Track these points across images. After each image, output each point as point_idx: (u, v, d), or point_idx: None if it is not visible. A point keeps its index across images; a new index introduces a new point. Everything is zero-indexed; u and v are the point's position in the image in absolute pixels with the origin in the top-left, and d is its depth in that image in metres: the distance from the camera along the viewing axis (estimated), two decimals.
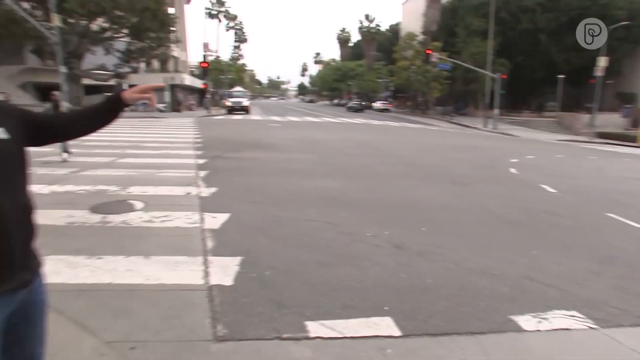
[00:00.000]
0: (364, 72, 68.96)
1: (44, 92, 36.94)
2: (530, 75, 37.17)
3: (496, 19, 30.74)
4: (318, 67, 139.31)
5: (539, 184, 8.70)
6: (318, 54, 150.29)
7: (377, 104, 55.55)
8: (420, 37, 46.64)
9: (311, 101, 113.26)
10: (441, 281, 3.76)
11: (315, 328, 2.94)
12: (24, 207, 1.50)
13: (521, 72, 36.30)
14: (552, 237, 5.27)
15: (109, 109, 1.67)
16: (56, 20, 23.50)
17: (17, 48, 33.75)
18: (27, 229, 1.52)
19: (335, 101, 73.70)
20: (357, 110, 53.04)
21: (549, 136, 26.25)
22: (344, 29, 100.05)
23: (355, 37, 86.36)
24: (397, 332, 2.92)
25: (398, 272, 3.92)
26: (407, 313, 3.18)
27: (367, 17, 72.56)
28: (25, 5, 27.31)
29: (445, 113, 39.99)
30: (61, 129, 1.65)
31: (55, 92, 10.22)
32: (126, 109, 1.72)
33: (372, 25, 72.12)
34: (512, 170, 10.54)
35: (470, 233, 5.24)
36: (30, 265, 1.54)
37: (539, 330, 3.04)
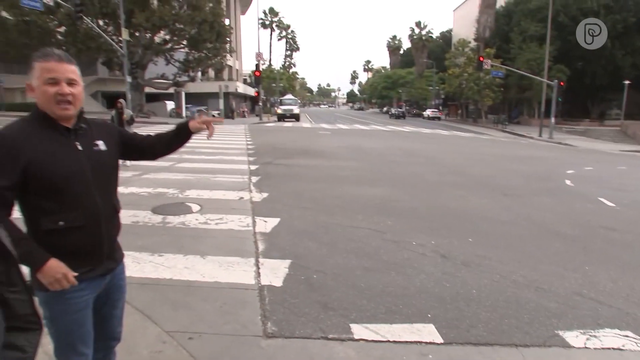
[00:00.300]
0: (414, 80, 68.22)
1: (110, 100, 39.62)
2: (591, 82, 35.26)
3: (554, 24, 29.46)
4: (368, 75, 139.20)
5: (597, 197, 8.30)
6: (368, 61, 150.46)
7: (428, 112, 54.72)
8: (473, 44, 45.53)
9: (360, 109, 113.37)
10: (485, 292, 3.76)
11: (359, 330, 3.07)
12: (114, 207, 1.80)
13: (581, 78, 34.53)
14: (608, 254, 5.06)
15: (181, 135, 2.00)
16: (125, 35, 25.33)
17: (91, 61, 36.73)
18: (115, 225, 1.82)
19: (385, 109, 73.25)
20: (398, 117, 55.24)
21: (611, 146, 24.68)
22: (394, 36, 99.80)
23: (406, 44, 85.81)
24: (439, 339, 2.99)
25: (442, 281, 3.96)
26: (449, 321, 3.24)
27: (418, 24, 71.84)
28: (100, 22, 29.60)
29: (498, 121, 38.60)
30: (145, 149, 1.98)
31: (121, 100, 11.05)
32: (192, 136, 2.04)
33: (423, 32, 71.22)
34: (568, 182, 10.10)
35: (519, 245, 5.14)
36: (114, 256, 1.84)
37: (587, 348, 2.99)
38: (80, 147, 1.65)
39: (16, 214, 1.54)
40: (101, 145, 1.72)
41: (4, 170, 1.46)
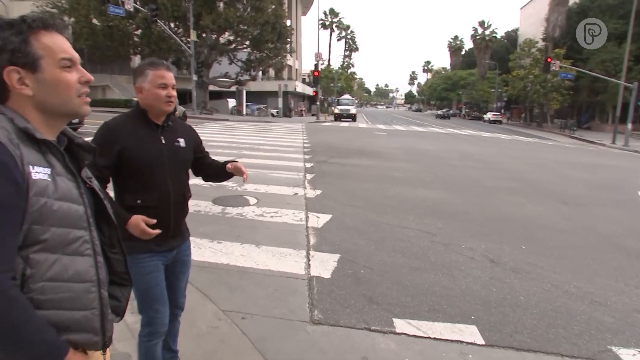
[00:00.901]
0: (476, 82, 65.83)
1: (178, 97, 41.73)
2: None
3: (637, 20, 27.04)
4: (427, 76, 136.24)
5: None
6: (428, 62, 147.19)
7: (488, 115, 52.59)
8: (540, 44, 43.15)
9: (418, 110, 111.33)
10: (534, 300, 3.73)
11: (401, 325, 3.19)
12: (183, 194, 2.14)
13: None
14: None
15: (224, 171, 2.29)
16: (193, 36, 26.84)
17: (169, 64, 39.11)
18: (182, 210, 2.15)
19: (443, 110, 71.47)
20: (444, 117, 59.75)
21: None
22: (456, 36, 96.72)
23: (468, 44, 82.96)
24: (480, 341, 3.04)
25: (489, 285, 3.96)
26: (493, 325, 3.27)
27: (481, 23, 69.10)
28: (172, 25, 31.62)
29: (565, 126, 36.28)
30: (201, 168, 2.31)
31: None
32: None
33: (487, 32, 68.41)
34: None
35: (575, 256, 4.97)
36: (179, 235, 2.17)
37: None
38: (163, 141, 2.00)
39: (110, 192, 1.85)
40: (182, 142, 2.09)
41: (104, 152, 1.83)
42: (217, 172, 2.30)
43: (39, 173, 1.04)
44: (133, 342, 2.74)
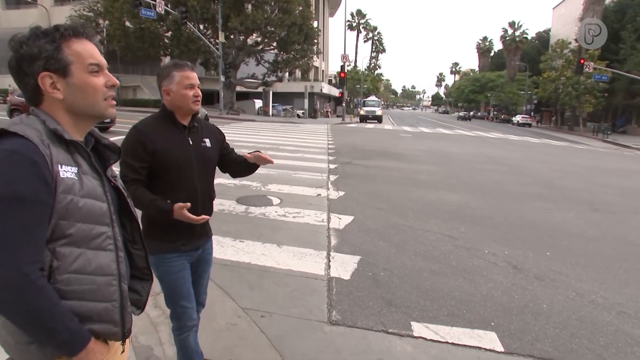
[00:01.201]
0: (505, 84, 64.36)
1: (206, 97, 42.60)
2: None
3: None
4: (455, 78, 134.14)
5: None
6: (456, 64, 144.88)
7: (517, 118, 51.31)
8: (573, 45, 41.77)
9: (445, 112, 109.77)
10: (557, 308, 3.64)
11: (419, 329, 3.18)
12: (209, 195, 2.20)
13: None
14: None
15: (249, 165, 2.30)
16: (221, 38, 27.32)
17: (191, 62, 39.97)
18: (208, 210, 2.20)
19: (465, 112, 70.43)
20: (465, 119, 63.15)
21: None
22: (485, 37, 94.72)
23: (497, 46, 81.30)
24: (499, 348, 3.00)
25: (511, 292, 3.89)
26: (513, 332, 3.21)
27: (511, 24, 67.47)
28: (201, 26, 32.37)
29: (598, 130, 34.93)
30: (229, 164, 2.33)
31: None
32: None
33: (517, 33, 66.74)
34: None
35: (604, 265, 4.82)
36: (204, 235, 2.23)
37: None
38: (191, 142, 2.06)
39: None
40: (207, 142, 2.14)
41: (139, 155, 1.93)
42: (243, 166, 2.32)
43: (67, 172, 1.11)
44: (155, 336, 2.84)
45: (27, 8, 43.82)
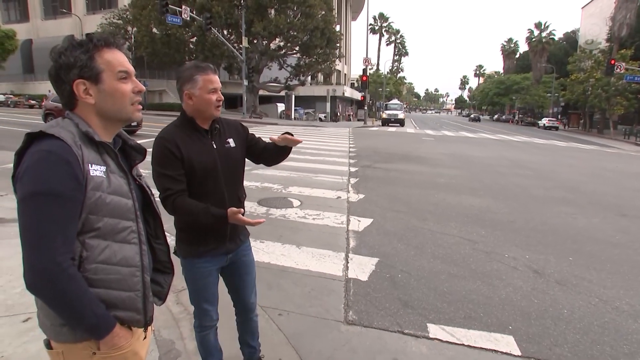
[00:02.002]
0: (530, 86, 62.93)
1: (229, 101, 43.32)
2: None
3: None
4: (479, 80, 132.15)
5: None
6: (480, 66, 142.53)
7: (544, 121, 50.07)
8: (603, 45, 40.49)
9: (468, 115, 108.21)
10: (579, 314, 3.59)
11: (435, 330, 3.19)
12: (238, 197, 2.17)
13: None
14: None
15: (279, 149, 2.19)
16: (245, 42, 27.75)
17: (215, 66, 40.91)
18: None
19: (475, 114, 69.61)
20: (475, 120, 67.80)
21: None
22: (510, 39, 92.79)
23: (523, 47, 79.69)
24: (516, 352, 2.98)
25: (531, 296, 3.85)
26: (531, 336, 3.19)
27: (538, 25, 65.92)
28: (225, 32, 33.02)
29: (630, 133, 33.79)
30: (260, 154, 2.23)
31: None
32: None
33: (544, 34, 65.16)
34: None
35: (630, 272, 4.69)
36: (236, 239, 2.21)
37: None
38: (215, 146, 2.02)
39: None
40: (231, 142, 2.10)
41: (172, 163, 1.89)
42: (273, 152, 2.20)
43: (96, 170, 1.22)
44: (177, 330, 2.95)
45: (62, 18, 45.83)
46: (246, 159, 2.24)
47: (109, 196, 1.24)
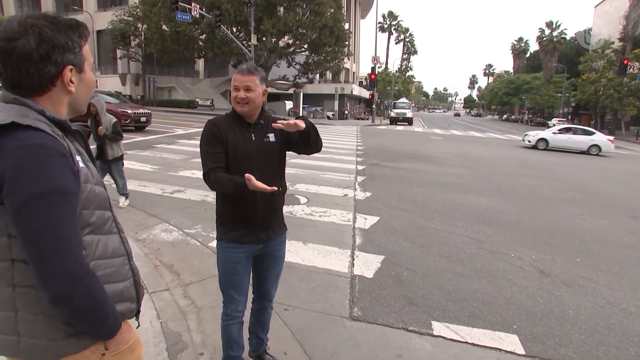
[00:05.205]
0: (541, 86, 62.27)
1: None
2: None
3: None
4: (488, 80, 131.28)
5: None
6: (490, 65, 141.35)
7: (554, 121, 49.55)
8: (616, 45, 39.90)
9: (478, 115, 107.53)
10: (585, 315, 3.58)
11: (439, 328, 3.21)
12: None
13: None
14: None
15: (303, 136, 2.16)
16: (254, 40, 27.82)
17: (223, 63, 41.09)
18: (271, 204, 2.22)
19: (475, 112, 69.13)
20: (476, 115, 70.81)
21: None
22: (520, 38, 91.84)
23: (533, 47, 78.86)
24: (520, 351, 2.99)
25: (536, 296, 3.85)
26: (536, 336, 3.19)
27: (549, 24, 65.16)
28: (234, 29, 33.11)
29: None
30: (294, 144, 2.25)
31: (94, 102, 12.18)
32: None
33: (555, 33, 64.38)
34: None
35: (638, 274, 4.66)
36: (269, 229, 2.26)
37: None
38: (253, 138, 2.15)
39: None
40: (271, 137, 2.20)
41: (213, 142, 2.07)
42: (299, 140, 2.21)
43: (79, 161, 1.13)
44: (184, 323, 3.00)
45: (73, 14, 46.24)
46: (288, 152, 2.32)
47: (96, 187, 1.17)
